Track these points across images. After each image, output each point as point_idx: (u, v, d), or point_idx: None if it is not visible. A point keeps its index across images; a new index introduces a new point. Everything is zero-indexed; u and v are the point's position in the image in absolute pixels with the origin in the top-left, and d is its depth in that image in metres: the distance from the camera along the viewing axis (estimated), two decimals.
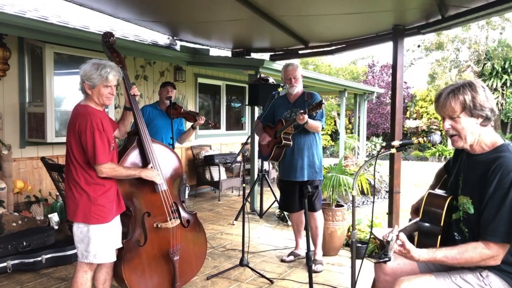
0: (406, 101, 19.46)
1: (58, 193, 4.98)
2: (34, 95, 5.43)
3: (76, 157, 2.63)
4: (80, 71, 2.68)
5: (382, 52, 20.82)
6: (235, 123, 9.74)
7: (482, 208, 1.87)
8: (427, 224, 2.02)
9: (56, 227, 4.80)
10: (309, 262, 2.78)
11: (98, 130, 2.58)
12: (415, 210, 2.30)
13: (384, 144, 16.09)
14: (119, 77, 2.74)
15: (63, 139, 5.57)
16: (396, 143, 2.04)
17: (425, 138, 2.05)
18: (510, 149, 1.89)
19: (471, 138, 1.94)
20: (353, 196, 2.02)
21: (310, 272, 2.81)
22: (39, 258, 3.97)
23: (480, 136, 1.94)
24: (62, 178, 4.58)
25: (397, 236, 1.80)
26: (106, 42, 3.09)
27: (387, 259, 1.72)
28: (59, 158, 5.56)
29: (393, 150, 2.05)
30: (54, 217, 4.94)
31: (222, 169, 7.64)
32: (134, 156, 3.01)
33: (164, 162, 3.14)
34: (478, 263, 1.85)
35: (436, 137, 2.07)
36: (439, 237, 2.00)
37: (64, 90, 5.74)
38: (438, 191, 2.16)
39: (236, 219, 5.88)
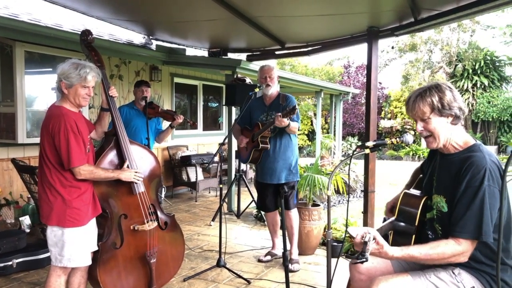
0: (380, 101, 19.79)
1: (29, 196, 4.86)
2: (4, 94, 5.28)
3: (50, 159, 2.57)
4: (57, 70, 2.62)
5: (357, 53, 21.10)
6: (212, 123, 9.70)
7: (454, 205, 1.92)
8: (402, 224, 2.06)
9: (27, 231, 4.68)
10: (285, 262, 2.79)
11: (72, 132, 2.53)
12: (390, 209, 2.34)
13: (359, 143, 16.33)
14: (98, 78, 2.69)
15: (35, 140, 5.44)
16: (370, 143, 2.08)
17: (398, 139, 2.09)
18: (481, 148, 1.95)
19: (444, 137, 1.99)
20: (328, 196, 2.04)
21: (287, 271, 2.83)
22: (10, 263, 3.85)
23: (451, 135, 2.00)
24: (34, 180, 4.47)
25: (374, 236, 1.83)
26: (84, 40, 3.04)
27: (364, 259, 1.74)
28: (30, 159, 5.42)
29: (367, 151, 2.08)
30: (26, 220, 4.81)
31: (199, 170, 7.60)
32: (111, 157, 2.97)
33: (142, 163, 3.11)
34: (449, 259, 1.89)
35: (408, 137, 2.12)
36: (414, 236, 2.04)
37: (36, 90, 5.60)
38: (413, 191, 2.20)
39: (213, 220, 5.86)
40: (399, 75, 19.96)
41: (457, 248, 1.87)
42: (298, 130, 4.12)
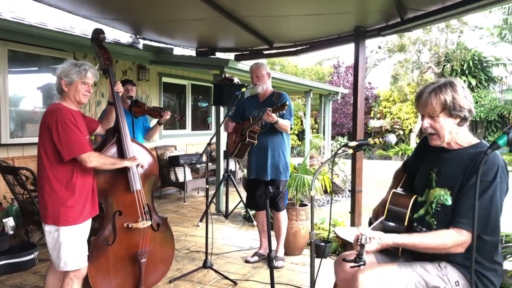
0: (370, 101, 19.90)
1: (13, 197, 4.78)
2: None
3: (48, 155, 2.57)
4: (57, 70, 2.67)
5: (347, 53, 21.17)
6: (201, 123, 9.65)
7: (459, 197, 1.92)
8: (392, 224, 2.05)
9: (11, 232, 4.60)
10: (270, 263, 2.78)
11: (71, 123, 2.56)
12: (376, 215, 2.32)
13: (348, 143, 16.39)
14: (96, 78, 2.76)
15: (19, 141, 5.36)
16: (352, 143, 2.08)
17: (381, 139, 2.09)
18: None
19: (448, 137, 1.99)
20: (311, 197, 2.02)
21: (272, 272, 2.81)
22: None
23: (456, 134, 1.99)
24: (17, 181, 4.41)
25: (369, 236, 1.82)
26: (96, 38, 3.11)
27: (362, 263, 1.73)
28: (14, 160, 5.33)
29: (350, 151, 2.08)
30: (9, 222, 4.73)
31: (188, 170, 7.55)
32: (111, 153, 2.98)
33: (141, 162, 3.10)
34: (449, 249, 1.89)
35: (391, 137, 2.12)
36: None
37: (20, 89, 5.52)
38: (401, 190, 2.19)
39: (201, 221, 5.82)
40: (388, 75, 20.07)
41: (458, 238, 1.87)
42: (291, 129, 4.08)
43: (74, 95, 2.67)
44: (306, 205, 4.73)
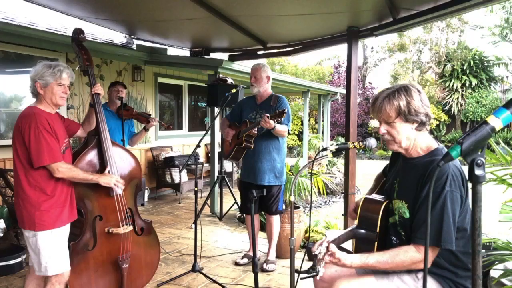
0: (371, 101, 19.75)
1: (1, 199, 4.74)
2: None
3: (21, 159, 2.52)
4: (31, 73, 2.61)
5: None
6: (199, 124, 9.59)
7: (415, 211, 1.87)
8: (363, 231, 1.99)
9: (1, 235, 4.56)
10: (255, 268, 2.72)
11: (45, 130, 2.49)
12: (354, 210, 2.26)
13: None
14: (71, 78, 2.70)
15: (10, 142, 5.31)
16: (331, 147, 2.02)
17: (361, 143, 2.03)
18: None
19: (406, 142, 1.93)
20: (290, 202, 1.96)
21: (256, 278, 2.75)
22: None
23: (415, 140, 1.94)
24: (6, 183, 4.37)
25: (327, 248, 1.76)
26: (75, 38, 3.05)
27: (314, 273, 1.68)
28: (6, 161, 5.28)
29: (329, 155, 2.02)
30: (0, 224, 4.69)
31: (183, 171, 7.51)
32: (91, 157, 2.93)
33: (122, 166, 3.08)
34: (409, 266, 1.85)
35: (371, 141, 2.06)
36: (376, 243, 1.98)
37: (9, 90, 5.47)
38: (375, 196, 2.13)
39: (194, 223, 5.76)
40: (389, 75, 19.98)
41: (417, 255, 1.82)
42: (288, 133, 4.01)
43: (51, 98, 2.60)
44: (298, 207, 4.67)
